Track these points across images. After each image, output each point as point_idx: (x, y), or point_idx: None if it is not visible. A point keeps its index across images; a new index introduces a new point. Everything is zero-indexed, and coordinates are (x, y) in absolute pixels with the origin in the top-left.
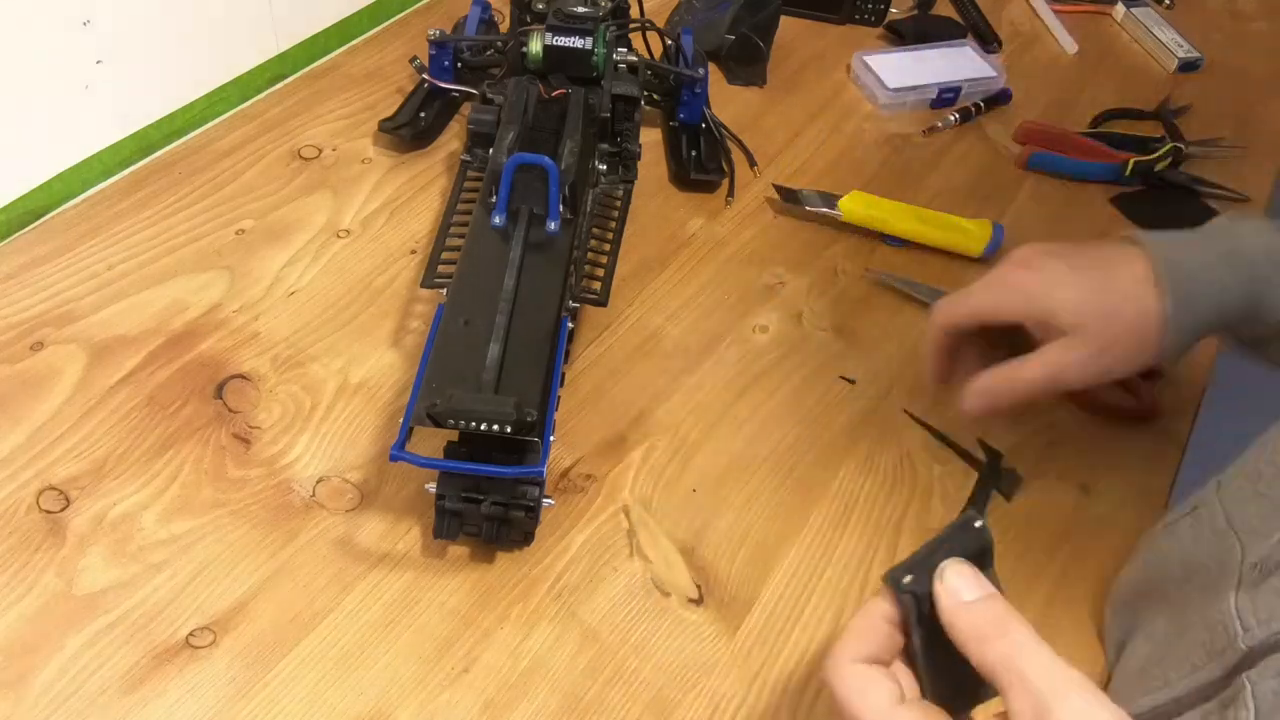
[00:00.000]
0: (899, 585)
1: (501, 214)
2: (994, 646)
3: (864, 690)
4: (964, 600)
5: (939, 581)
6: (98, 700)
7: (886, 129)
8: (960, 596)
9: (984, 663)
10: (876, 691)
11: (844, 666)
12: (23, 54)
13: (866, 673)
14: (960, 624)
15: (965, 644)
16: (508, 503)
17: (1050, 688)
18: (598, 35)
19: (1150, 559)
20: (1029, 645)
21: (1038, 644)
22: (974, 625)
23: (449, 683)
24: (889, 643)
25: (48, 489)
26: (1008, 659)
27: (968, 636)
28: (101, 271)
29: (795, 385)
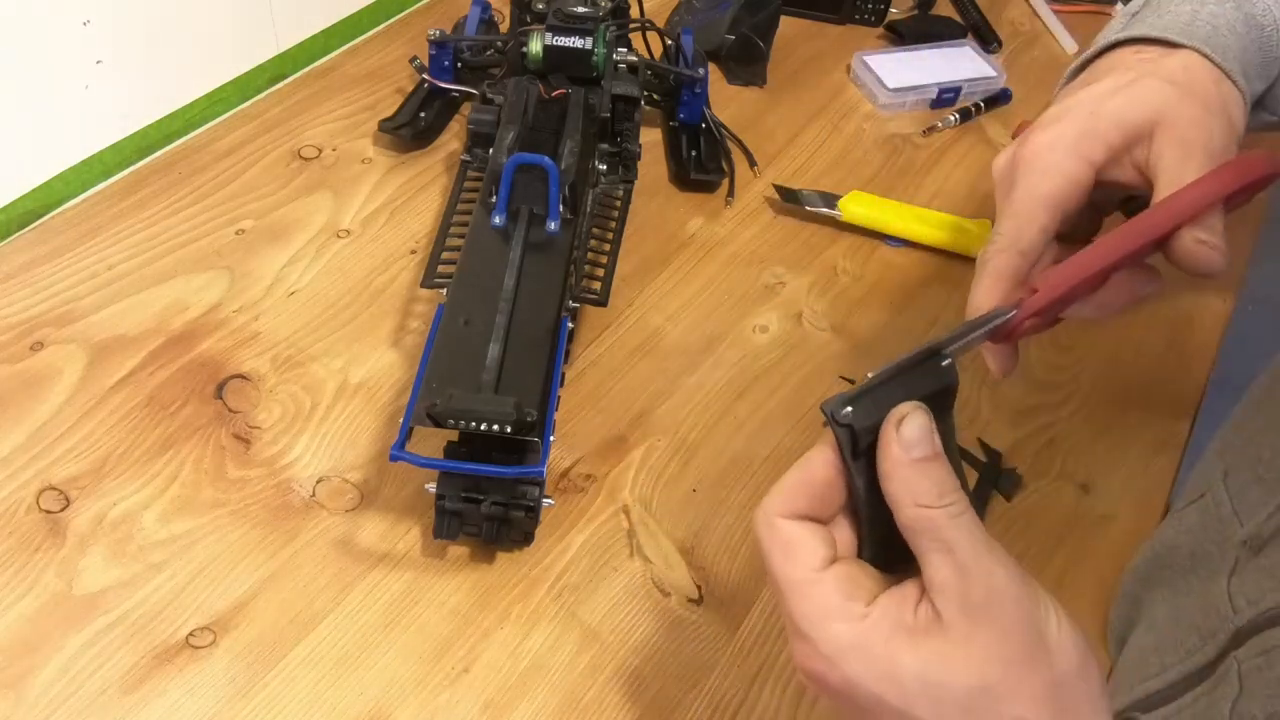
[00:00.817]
0: (835, 416)
1: (501, 214)
2: (926, 512)
3: (788, 550)
4: (913, 457)
5: (893, 427)
6: (98, 700)
7: (886, 129)
8: (910, 452)
9: (912, 526)
10: (801, 552)
11: (775, 522)
12: (23, 54)
13: (793, 531)
14: (903, 482)
15: (897, 503)
16: (508, 503)
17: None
18: (598, 35)
19: (1157, 548)
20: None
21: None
22: (915, 487)
23: (449, 683)
24: (828, 496)
25: (48, 489)
26: (937, 524)
27: (906, 496)
28: (101, 271)
29: (795, 385)
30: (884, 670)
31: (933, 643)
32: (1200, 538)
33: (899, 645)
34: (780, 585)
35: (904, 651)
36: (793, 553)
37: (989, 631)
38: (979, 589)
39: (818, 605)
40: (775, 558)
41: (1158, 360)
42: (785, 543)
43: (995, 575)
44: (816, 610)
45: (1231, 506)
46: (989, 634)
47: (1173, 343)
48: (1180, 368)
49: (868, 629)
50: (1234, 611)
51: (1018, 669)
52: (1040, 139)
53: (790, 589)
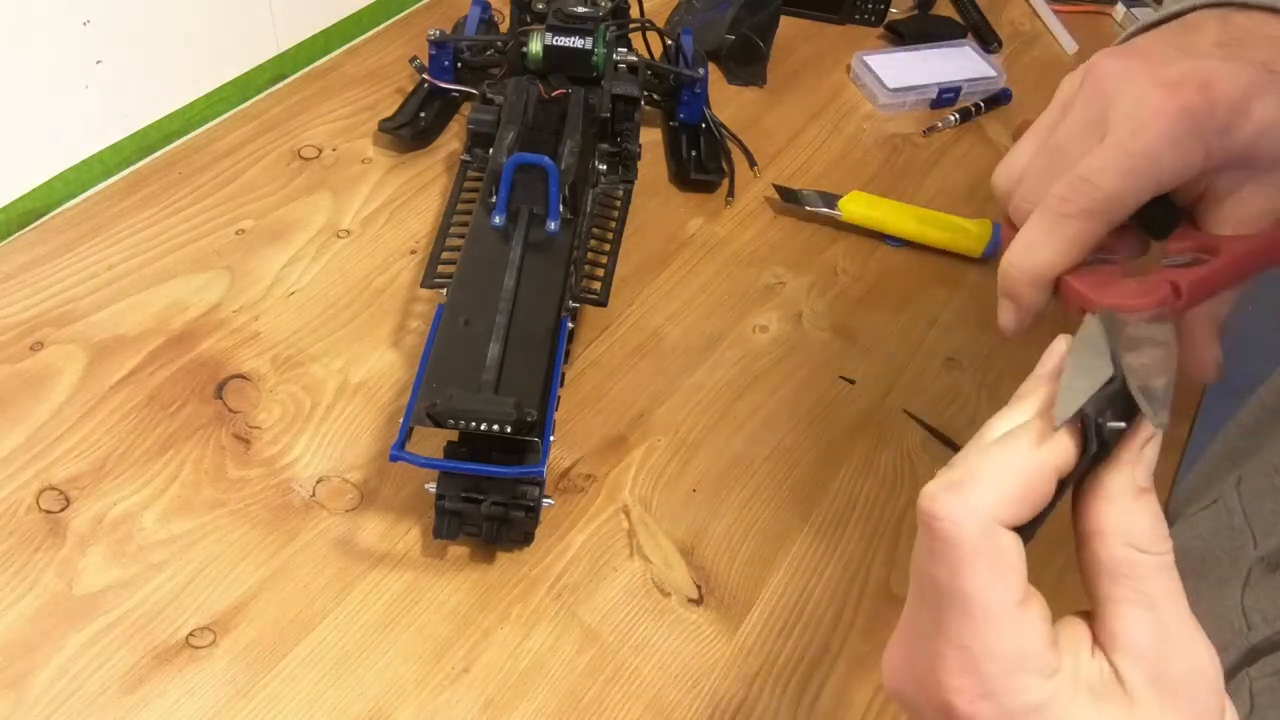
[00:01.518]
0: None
1: (501, 214)
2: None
3: (1001, 568)
4: (1140, 485)
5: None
6: (98, 700)
7: (886, 129)
8: (1139, 480)
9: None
10: (1014, 576)
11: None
12: (23, 54)
13: (1011, 546)
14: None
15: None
16: (508, 503)
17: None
18: (598, 35)
19: None
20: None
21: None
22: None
23: (449, 683)
24: (1041, 505)
25: (48, 489)
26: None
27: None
28: (101, 271)
29: (795, 385)
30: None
31: (1119, 713)
32: (1211, 544)
33: (1084, 712)
34: (971, 611)
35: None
36: (1005, 573)
37: (1177, 715)
38: (1179, 664)
39: (1016, 647)
40: (978, 577)
41: None
42: (999, 561)
43: (1199, 652)
44: (1013, 657)
45: (1244, 516)
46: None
47: None
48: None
49: (1057, 689)
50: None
51: None
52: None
53: (986, 622)
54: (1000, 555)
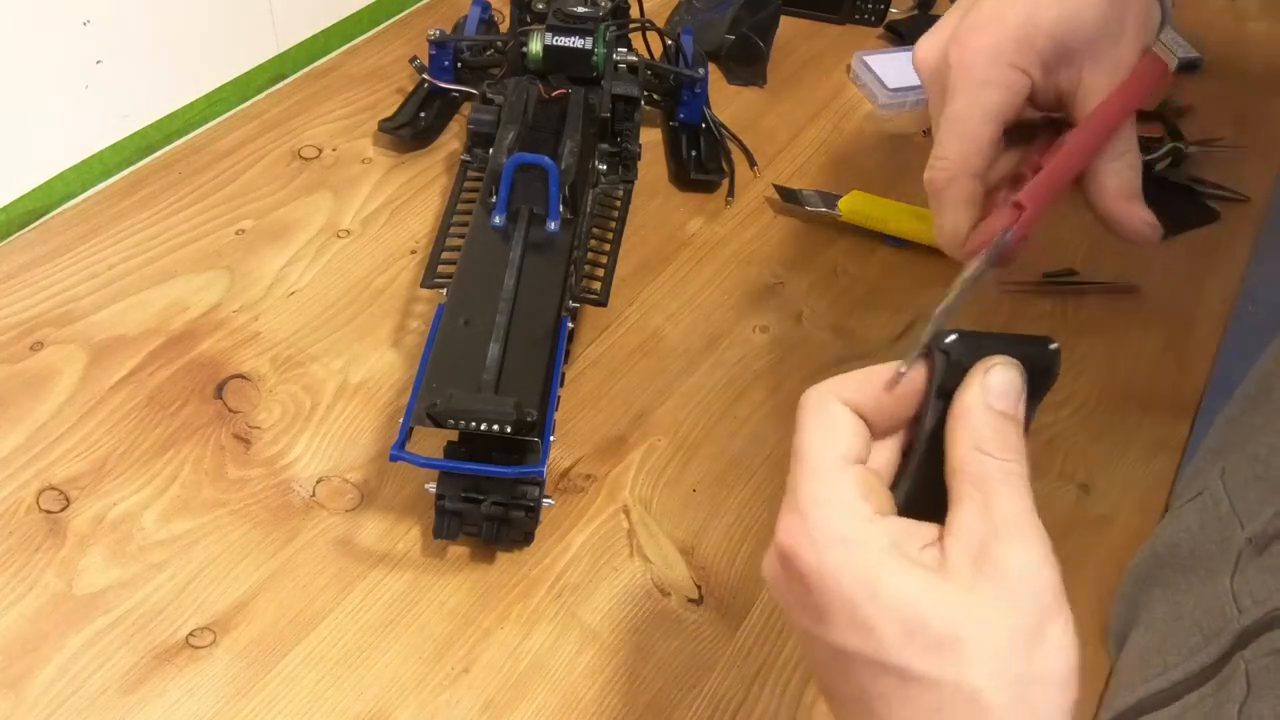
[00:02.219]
0: (938, 343)
1: (501, 214)
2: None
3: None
4: (990, 404)
5: (981, 371)
6: (98, 700)
7: (886, 129)
8: (989, 399)
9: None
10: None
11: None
12: (23, 54)
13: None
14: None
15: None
16: (508, 503)
17: (1011, 525)
18: (598, 35)
19: (1156, 547)
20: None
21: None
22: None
23: (449, 683)
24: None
25: (48, 489)
26: (987, 474)
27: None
28: (101, 271)
29: (795, 385)
30: (866, 575)
31: (927, 576)
32: (1199, 536)
33: (893, 561)
34: (801, 458)
35: (895, 569)
36: (831, 434)
37: (989, 592)
38: (1000, 550)
39: (828, 490)
40: (811, 432)
41: (1157, 360)
42: (829, 422)
43: (1024, 544)
44: (824, 493)
45: (1230, 505)
46: (988, 594)
47: (1173, 343)
48: (1180, 368)
49: (868, 530)
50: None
51: (1002, 640)
52: (978, 43)
53: (809, 465)
54: (827, 417)
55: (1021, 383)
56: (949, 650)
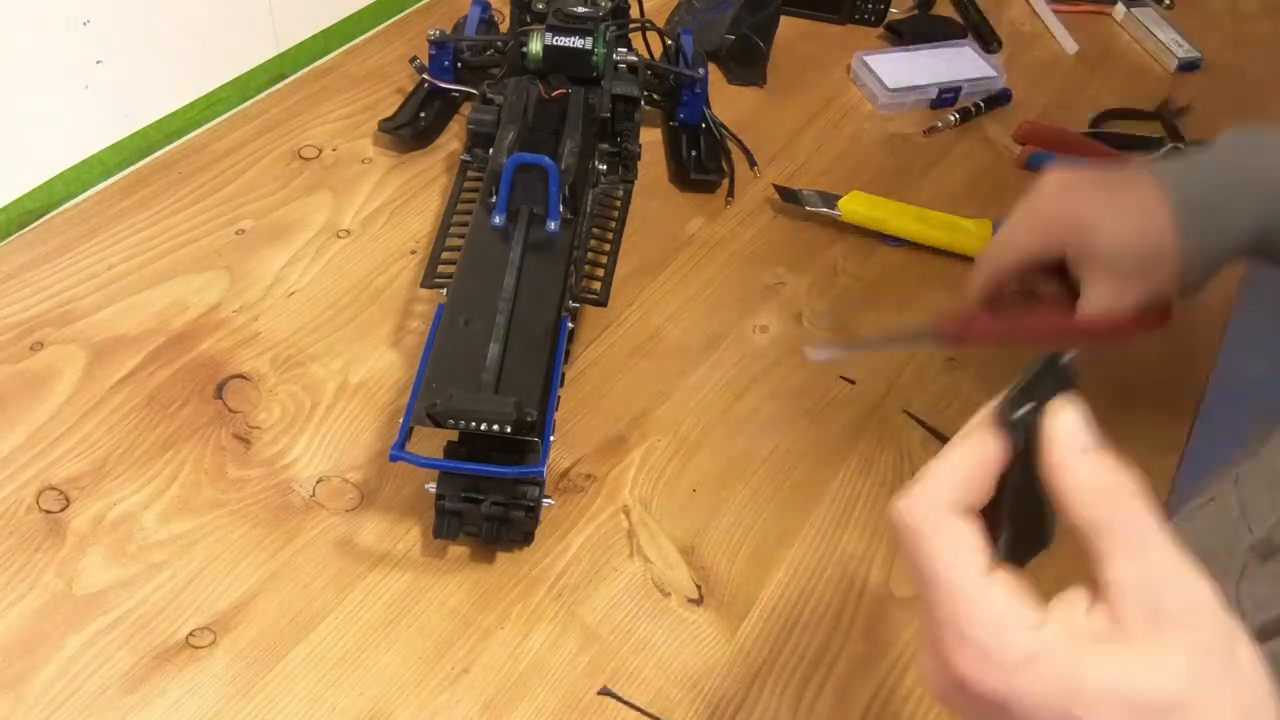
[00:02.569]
0: (1011, 416)
1: (501, 214)
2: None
3: (956, 552)
4: (1081, 447)
5: (1051, 418)
6: (98, 700)
7: (886, 129)
8: (1078, 442)
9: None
10: (970, 555)
11: (940, 513)
12: (23, 54)
13: (969, 530)
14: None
15: (1070, 497)
16: (508, 503)
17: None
18: (598, 35)
19: None
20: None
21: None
22: (1090, 478)
23: (449, 683)
24: (986, 492)
25: (48, 489)
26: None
27: (1077, 490)
28: (101, 271)
29: (795, 385)
30: (1069, 686)
31: (1119, 652)
32: (1209, 541)
33: (1083, 655)
34: (946, 589)
35: (1090, 664)
36: (963, 552)
37: (1181, 645)
38: (1175, 596)
39: (989, 611)
40: (942, 556)
41: (1158, 360)
42: (955, 540)
43: (1192, 584)
44: (992, 617)
45: (1241, 511)
46: (1182, 648)
47: (1173, 343)
48: (1180, 368)
49: (1047, 638)
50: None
51: (1213, 688)
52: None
53: (960, 595)
54: (952, 533)
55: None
56: (1176, 715)
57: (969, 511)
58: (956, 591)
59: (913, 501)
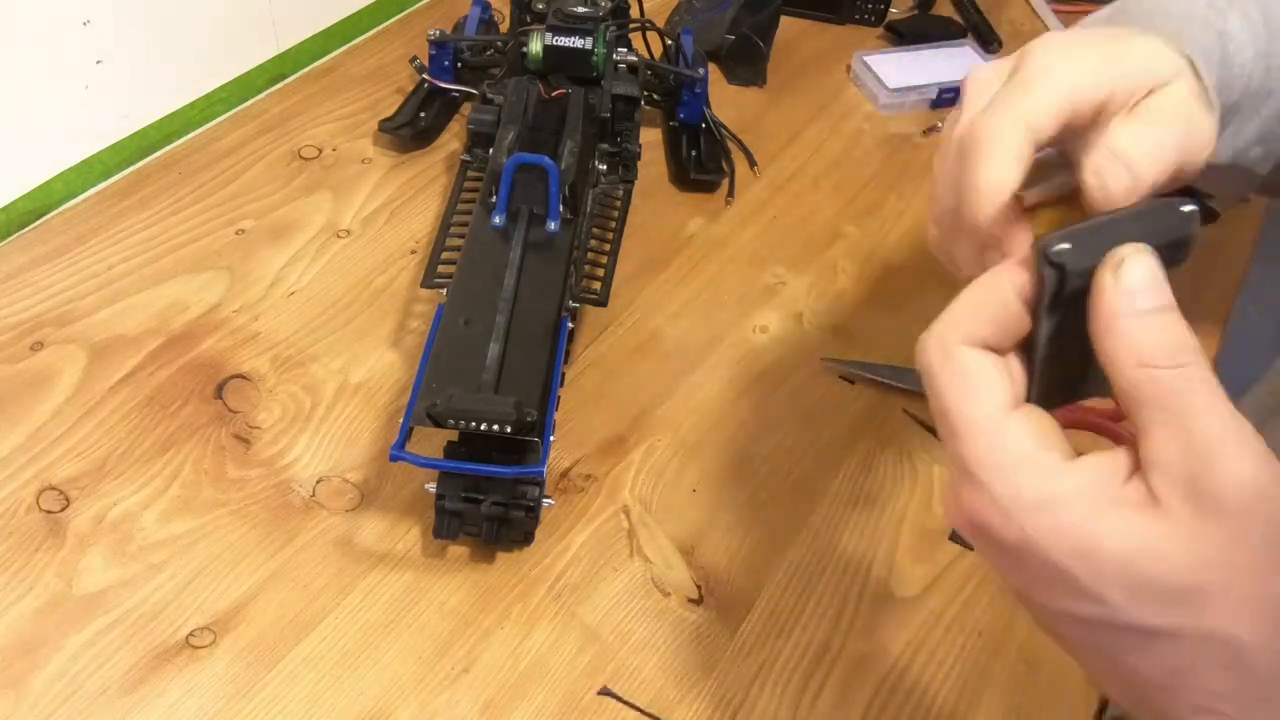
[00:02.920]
0: (1048, 252)
1: (501, 214)
2: (1161, 376)
3: (974, 388)
4: (1137, 307)
5: (1111, 271)
6: (98, 700)
7: (886, 129)
8: (1134, 301)
9: (1137, 392)
10: (987, 388)
11: (954, 351)
12: (23, 54)
13: (980, 365)
14: (1124, 336)
15: (1118, 361)
16: (508, 503)
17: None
18: (598, 35)
19: None
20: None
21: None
22: (1141, 343)
23: (449, 683)
24: (1014, 325)
25: (48, 489)
26: (1174, 394)
27: (1128, 354)
28: (101, 271)
29: (795, 385)
30: (1079, 544)
31: (1147, 524)
32: None
33: (1104, 517)
34: (955, 425)
35: (1110, 526)
36: (975, 387)
37: (1219, 528)
38: (1217, 475)
39: (1004, 451)
40: (951, 394)
41: None
42: (965, 375)
43: (1240, 461)
44: (1001, 456)
45: None
46: (1219, 531)
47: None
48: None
49: (1067, 490)
50: None
51: (1246, 577)
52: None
53: (968, 430)
54: (964, 371)
55: (1159, 266)
56: (1192, 602)
57: (988, 345)
58: (965, 429)
59: (928, 338)
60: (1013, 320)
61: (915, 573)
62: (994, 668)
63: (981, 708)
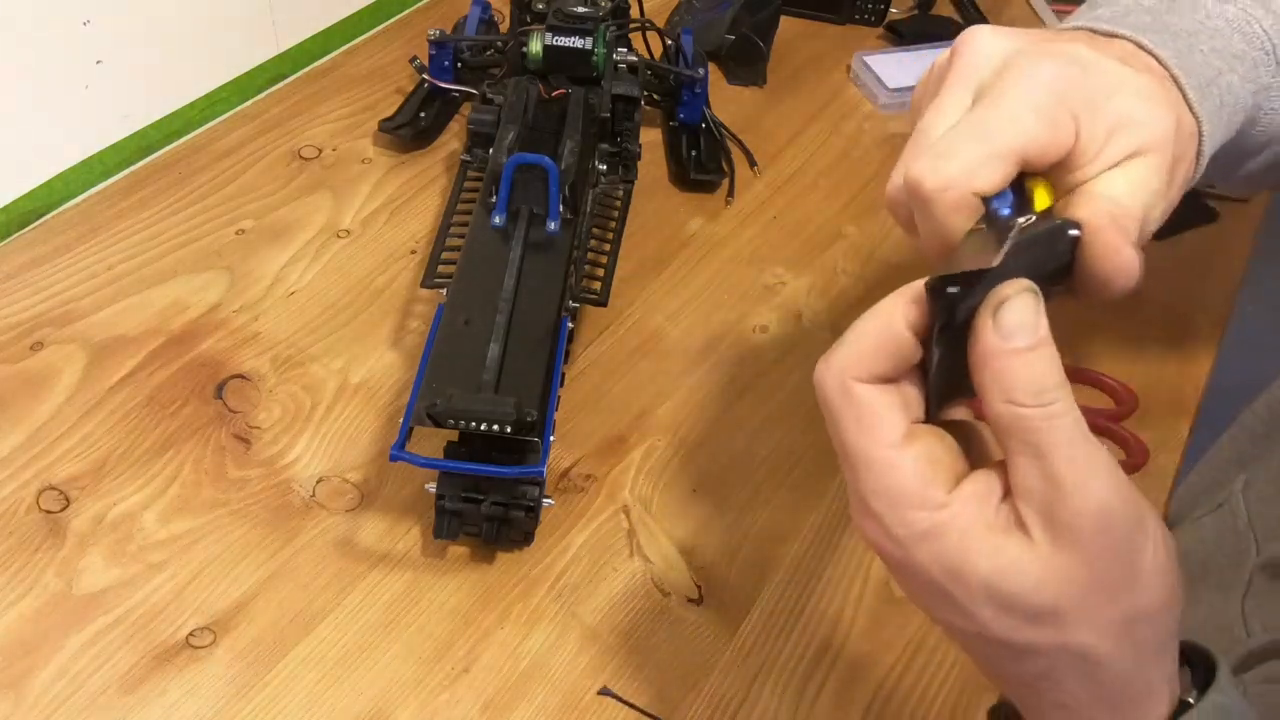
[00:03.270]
0: (939, 291)
1: (501, 214)
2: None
3: (864, 420)
4: (1008, 347)
5: (990, 312)
6: (98, 700)
7: (886, 129)
8: (1007, 342)
9: (1001, 425)
10: (880, 425)
11: (850, 387)
12: (23, 54)
13: (875, 401)
14: (995, 375)
15: (989, 395)
16: (508, 503)
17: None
18: (598, 35)
19: None
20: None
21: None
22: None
23: (449, 683)
24: (907, 355)
25: (48, 489)
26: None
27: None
28: (101, 271)
29: (795, 385)
30: (954, 567)
31: (1010, 549)
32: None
33: (974, 544)
34: (852, 459)
35: (978, 553)
36: (870, 424)
37: (1072, 554)
38: (1069, 506)
39: (893, 487)
40: (849, 429)
41: (1158, 360)
42: (861, 411)
43: (1090, 493)
44: (891, 492)
45: (1248, 519)
46: (1071, 557)
47: (1172, 343)
48: (1180, 368)
49: (944, 521)
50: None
51: (1095, 597)
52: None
53: (864, 465)
54: (860, 406)
55: (1037, 304)
56: (1047, 620)
57: (882, 378)
58: (862, 464)
59: (826, 372)
60: (905, 351)
61: None
62: None
63: (982, 708)
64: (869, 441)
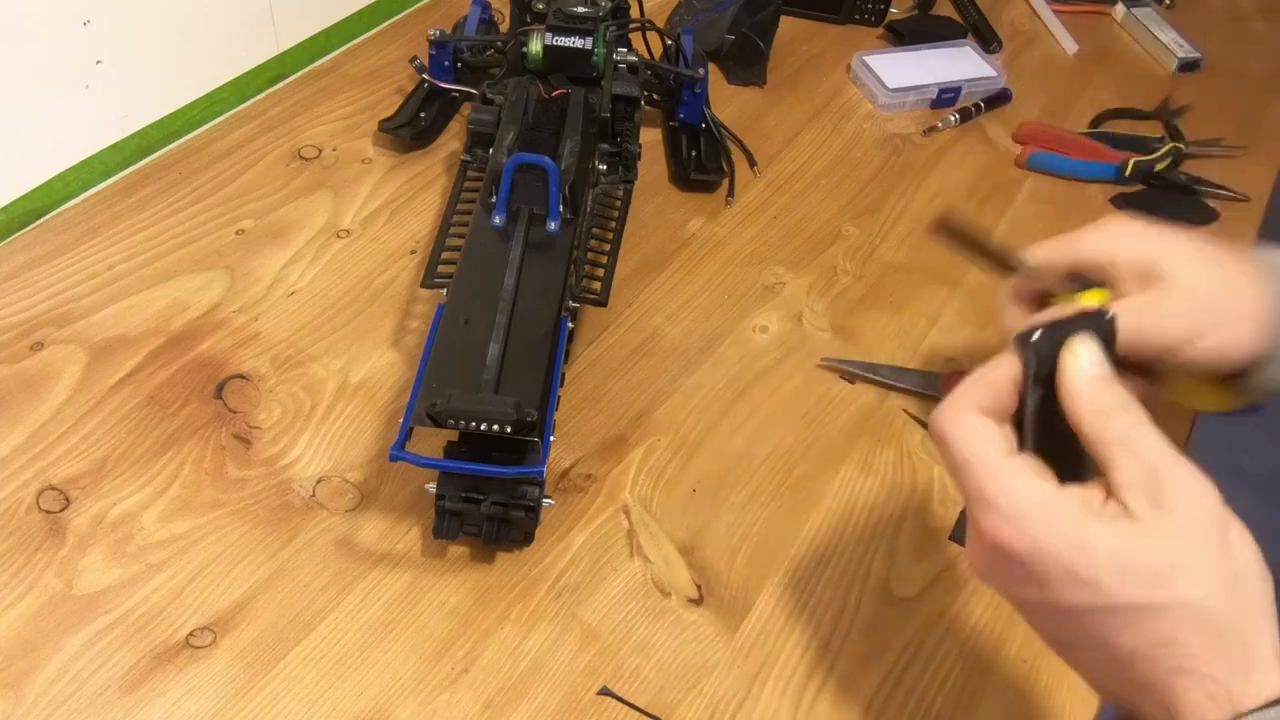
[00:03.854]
0: (1026, 338)
1: (501, 214)
2: (1112, 420)
3: (978, 439)
4: (1090, 375)
5: (1068, 350)
6: (98, 700)
7: (886, 129)
8: (1086, 370)
9: (1097, 436)
10: (994, 441)
11: (961, 413)
12: (23, 54)
13: (982, 421)
14: (1081, 395)
15: (1080, 415)
16: (508, 503)
17: (1163, 461)
18: (598, 35)
19: None
20: (1145, 425)
21: (1153, 427)
22: (1095, 398)
23: (449, 683)
24: (1008, 401)
25: (48, 489)
26: (1124, 431)
27: (1086, 408)
28: (101, 271)
29: (795, 385)
30: (1075, 540)
31: (1123, 527)
32: None
33: (1091, 523)
34: (970, 466)
35: (1096, 529)
36: (982, 438)
37: (1178, 522)
38: (1168, 487)
39: (1010, 481)
40: (966, 444)
41: None
42: (975, 431)
43: (1182, 476)
44: (1009, 485)
45: None
46: (1178, 524)
47: None
48: None
49: (1061, 501)
50: None
51: (1204, 554)
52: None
53: (982, 467)
54: (975, 429)
55: (1101, 347)
56: (1164, 577)
57: (988, 411)
58: (980, 469)
59: (940, 411)
60: (1005, 397)
61: (915, 573)
62: (994, 668)
63: (981, 708)
64: (983, 450)
